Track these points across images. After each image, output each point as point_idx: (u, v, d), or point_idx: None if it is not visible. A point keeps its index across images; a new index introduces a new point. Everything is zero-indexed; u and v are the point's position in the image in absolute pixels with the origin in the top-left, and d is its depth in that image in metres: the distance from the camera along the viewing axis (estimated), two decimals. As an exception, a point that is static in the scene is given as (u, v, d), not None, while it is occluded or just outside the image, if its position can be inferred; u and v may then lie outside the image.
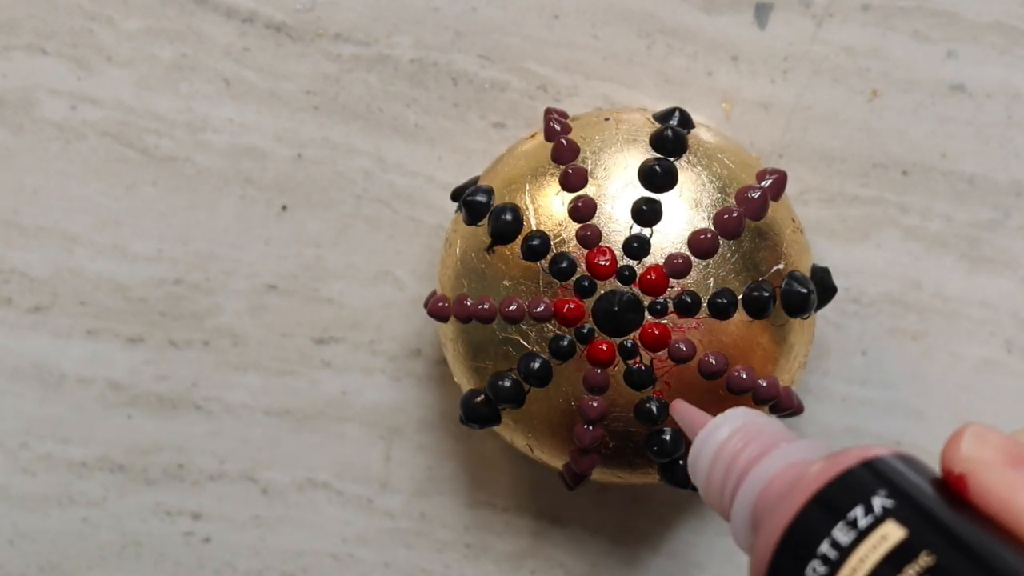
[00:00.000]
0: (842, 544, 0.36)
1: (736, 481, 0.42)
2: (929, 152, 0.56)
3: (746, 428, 0.43)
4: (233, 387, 0.58)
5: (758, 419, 0.44)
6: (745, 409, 0.45)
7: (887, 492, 0.37)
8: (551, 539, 0.58)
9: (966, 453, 0.37)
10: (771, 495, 0.40)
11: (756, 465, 0.42)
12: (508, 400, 0.51)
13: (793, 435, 0.43)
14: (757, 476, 0.41)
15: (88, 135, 0.57)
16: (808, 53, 0.56)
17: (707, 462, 0.43)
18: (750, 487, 0.41)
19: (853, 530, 0.36)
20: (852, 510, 0.37)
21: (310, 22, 0.56)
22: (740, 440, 0.42)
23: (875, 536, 0.36)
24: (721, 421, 0.44)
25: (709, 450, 0.43)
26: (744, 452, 0.42)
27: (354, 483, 0.58)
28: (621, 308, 0.50)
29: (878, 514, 0.36)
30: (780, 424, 0.44)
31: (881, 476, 0.37)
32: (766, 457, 0.41)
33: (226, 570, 0.59)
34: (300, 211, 0.57)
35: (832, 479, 0.38)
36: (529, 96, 0.56)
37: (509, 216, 0.51)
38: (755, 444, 0.42)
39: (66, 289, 0.57)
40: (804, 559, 0.37)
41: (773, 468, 0.41)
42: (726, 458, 0.42)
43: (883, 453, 0.38)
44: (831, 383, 0.57)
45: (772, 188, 0.51)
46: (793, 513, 0.38)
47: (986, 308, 0.56)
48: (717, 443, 0.43)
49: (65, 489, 0.58)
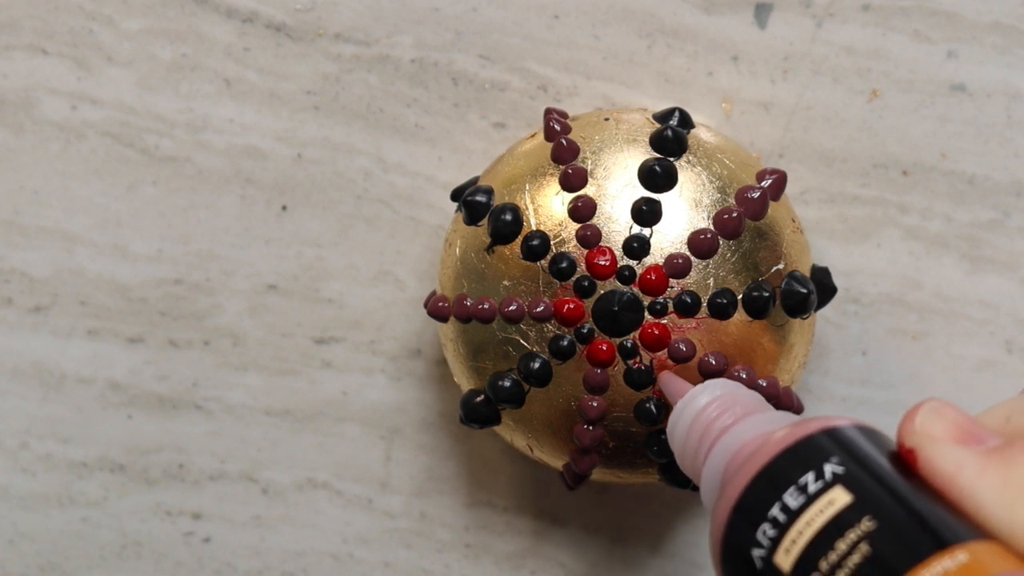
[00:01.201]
0: (791, 508, 0.37)
1: (708, 447, 0.43)
2: (929, 152, 0.56)
3: (723, 398, 0.44)
4: (233, 387, 0.58)
5: (736, 390, 0.45)
6: (724, 380, 0.46)
7: (839, 459, 0.37)
8: (551, 539, 0.58)
9: (919, 428, 0.37)
10: (737, 461, 0.41)
11: (727, 432, 0.43)
12: (508, 400, 0.51)
13: (769, 406, 0.44)
14: (727, 442, 0.42)
15: (88, 135, 0.57)
16: (808, 53, 0.56)
17: (684, 429, 0.44)
18: (720, 452, 0.42)
19: (803, 495, 0.37)
20: (804, 475, 0.37)
21: (310, 22, 0.56)
22: (716, 408, 0.44)
23: (823, 501, 0.37)
24: (700, 390, 0.45)
25: (686, 417, 0.44)
26: (718, 420, 0.43)
27: (354, 483, 0.58)
28: (621, 308, 0.50)
29: (828, 480, 0.37)
30: (758, 396, 0.45)
31: (837, 444, 0.38)
32: (738, 424, 0.43)
33: (226, 570, 0.59)
34: (300, 211, 0.57)
35: (789, 445, 0.38)
36: (529, 96, 0.56)
37: (509, 216, 0.51)
38: (729, 413, 0.43)
39: (66, 289, 0.57)
40: (756, 522, 0.38)
41: (743, 435, 0.42)
42: (701, 425, 0.44)
43: (843, 423, 0.39)
44: (831, 383, 0.57)
45: (772, 188, 0.51)
46: (750, 477, 0.39)
47: (986, 308, 0.56)
48: (695, 411, 0.44)
49: (65, 489, 0.58)
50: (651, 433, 0.51)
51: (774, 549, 0.37)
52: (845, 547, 0.36)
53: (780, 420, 0.42)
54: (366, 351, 0.57)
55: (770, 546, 0.37)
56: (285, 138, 0.57)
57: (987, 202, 0.56)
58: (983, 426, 0.37)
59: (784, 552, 0.37)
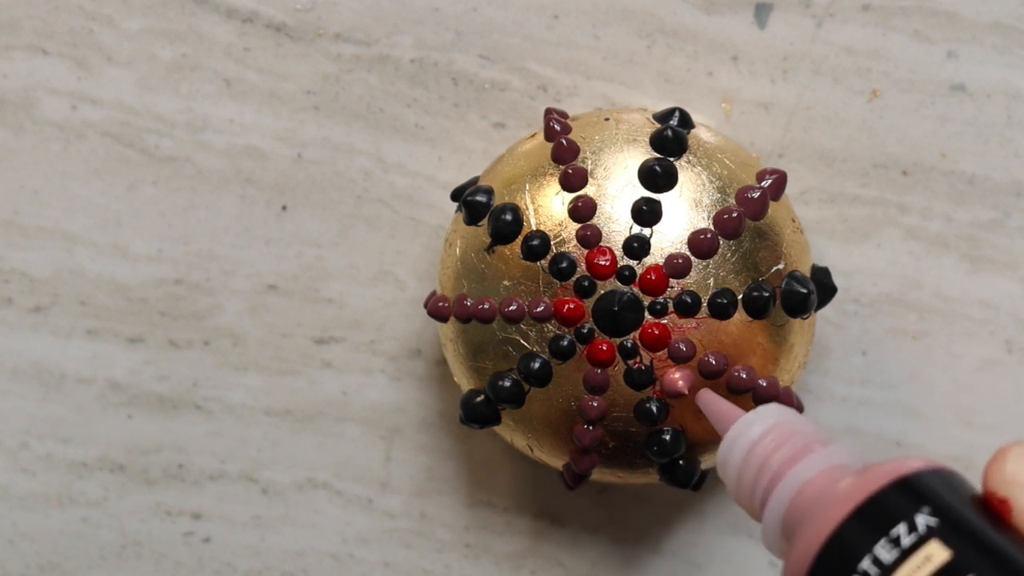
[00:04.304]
0: (884, 562, 0.36)
1: (768, 483, 0.41)
2: (929, 152, 0.56)
3: (779, 428, 0.42)
4: (233, 387, 0.58)
5: (791, 418, 0.43)
6: (777, 406, 0.44)
7: (930, 510, 0.36)
8: (551, 539, 0.58)
9: (1011, 476, 0.36)
10: (805, 502, 0.40)
11: (790, 469, 0.41)
12: (508, 400, 0.51)
13: (826, 437, 0.42)
14: (791, 481, 0.41)
15: (88, 135, 0.57)
16: (808, 53, 0.56)
17: (738, 461, 0.43)
18: (783, 492, 0.41)
19: (896, 548, 0.36)
20: (895, 527, 0.36)
21: (310, 22, 0.56)
22: (773, 441, 0.42)
23: (919, 556, 0.35)
24: (754, 419, 0.43)
25: (740, 448, 0.43)
26: (777, 454, 0.42)
27: (354, 483, 0.58)
28: (621, 308, 0.50)
29: (922, 533, 0.36)
30: (812, 424, 0.43)
31: (923, 493, 0.37)
32: (800, 462, 0.41)
33: (226, 570, 0.59)
34: (300, 211, 0.57)
35: (873, 493, 0.37)
36: (529, 96, 0.56)
37: (509, 216, 0.51)
38: (788, 446, 0.42)
39: (66, 289, 0.57)
40: (844, 574, 0.36)
41: (807, 473, 0.40)
42: (758, 458, 0.42)
43: (921, 467, 0.37)
44: (831, 383, 0.57)
45: (772, 188, 0.51)
46: (834, 526, 0.37)
47: (986, 308, 0.56)
48: (749, 441, 0.42)
49: (65, 489, 0.58)
50: (651, 433, 0.51)
51: None
52: None
53: (845, 455, 0.41)
54: (366, 351, 0.57)
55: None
56: (285, 138, 0.57)
57: (987, 202, 0.56)
58: None
59: None
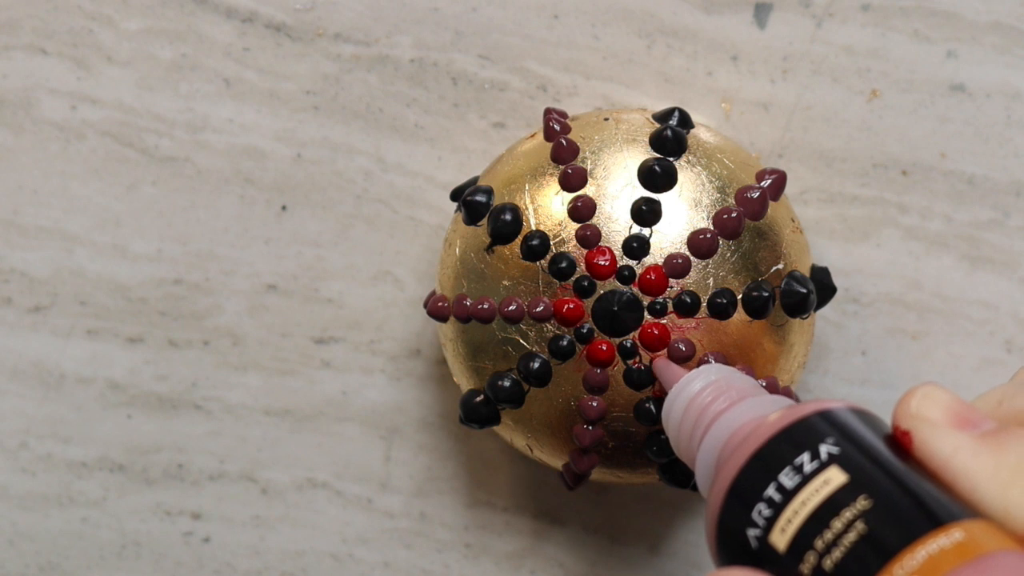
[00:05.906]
0: (787, 488, 0.37)
1: (703, 431, 0.43)
2: (929, 152, 0.56)
3: (718, 383, 0.44)
4: (233, 387, 0.58)
5: (731, 375, 0.45)
6: (719, 365, 0.46)
7: (834, 440, 0.38)
8: (551, 539, 0.58)
9: (915, 411, 0.38)
10: (732, 444, 0.41)
11: (722, 416, 0.43)
12: (508, 400, 0.51)
13: (763, 391, 0.44)
14: (721, 426, 0.42)
15: (88, 135, 0.57)
16: (808, 53, 0.56)
17: (678, 414, 0.45)
18: (714, 436, 0.42)
19: (798, 474, 0.37)
20: (799, 456, 0.38)
21: (310, 22, 0.56)
22: (711, 393, 0.44)
23: (818, 480, 0.37)
24: (695, 375, 0.45)
25: (681, 402, 0.45)
26: (713, 404, 0.43)
27: (354, 483, 0.58)
28: (621, 308, 0.50)
29: (823, 460, 0.37)
30: (752, 381, 0.45)
31: (832, 426, 0.38)
32: (732, 408, 0.43)
33: (226, 570, 0.59)
34: (300, 211, 0.57)
35: (784, 427, 0.39)
36: (529, 96, 0.56)
37: (509, 216, 0.51)
38: (724, 397, 0.43)
39: (66, 289, 0.57)
40: (751, 503, 0.38)
41: (738, 419, 0.42)
42: (696, 410, 0.44)
43: (837, 405, 0.39)
44: (831, 383, 0.57)
45: (772, 188, 0.51)
46: (745, 459, 0.39)
47: (986, 308, 0.56)
48: (689, 396, 0.44)
49: (65, 489, 0.58)
50: (651, 433, 0.51)
51: (770, 529, 0.37)
52: (841, 525, 0.36)
53: (774, 404, 0.42)
54: (366, 351, 0.57)
55: (766, 526, 0.37)
56: (285, 138, 0.57)
57: (987, 202, 0.56)
58: (977, 410, 0.38)
59: (780, 531, 0.37)
